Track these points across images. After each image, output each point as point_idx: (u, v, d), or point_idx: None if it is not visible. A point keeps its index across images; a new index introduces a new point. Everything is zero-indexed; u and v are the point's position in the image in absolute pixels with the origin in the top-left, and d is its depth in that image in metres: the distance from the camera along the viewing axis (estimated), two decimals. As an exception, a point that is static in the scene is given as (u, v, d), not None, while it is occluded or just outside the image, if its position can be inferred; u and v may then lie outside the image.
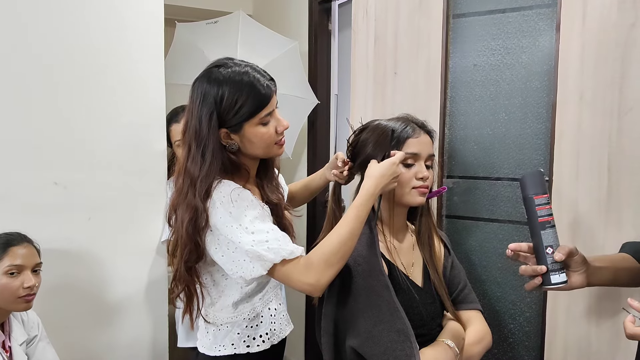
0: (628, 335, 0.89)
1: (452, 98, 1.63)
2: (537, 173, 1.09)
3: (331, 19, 2.80)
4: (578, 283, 1.09)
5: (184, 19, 2.78)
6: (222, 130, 1.24)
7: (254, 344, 1.31)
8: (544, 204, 1.07)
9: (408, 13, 1.68)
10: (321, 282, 1.14)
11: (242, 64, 1.26)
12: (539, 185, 1.08)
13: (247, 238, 1.16)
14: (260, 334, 1.31)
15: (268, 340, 1.32)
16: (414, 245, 1.34)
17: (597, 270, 1.11)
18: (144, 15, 1.91)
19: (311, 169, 2.84)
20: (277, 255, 1.15)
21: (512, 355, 1.57)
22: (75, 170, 1.80)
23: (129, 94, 1.90)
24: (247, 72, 1.24)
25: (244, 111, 1.22)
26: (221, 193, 1.20)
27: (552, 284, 1.06)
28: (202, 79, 1.25)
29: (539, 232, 1.06)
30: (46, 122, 1.76)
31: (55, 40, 1.76)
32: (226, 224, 1.18)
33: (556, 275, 1.05)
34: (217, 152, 1.23)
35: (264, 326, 1.32)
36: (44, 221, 1.75)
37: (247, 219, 1.18)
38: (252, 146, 1.27)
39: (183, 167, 1.24)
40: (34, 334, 1.58)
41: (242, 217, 1.18)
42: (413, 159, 1.25)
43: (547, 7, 1.46)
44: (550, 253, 1.05)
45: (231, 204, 1.18)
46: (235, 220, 1.18)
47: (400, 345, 1.11)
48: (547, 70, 1.46)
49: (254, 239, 1.16)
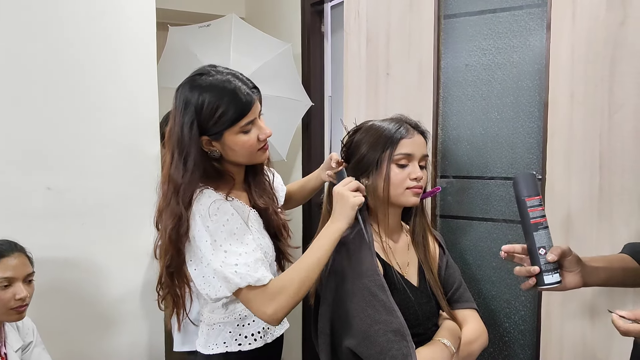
0: (622, 332, 0.89)
1: (445, 98, 1.64)
2: (529, 175, 1.10)
3: (324, 21, 2.80)
4: (573, 283, 1.09)
5: (176, 23, 2.78)
6: (204, 137, 1.24)
7: (246, 342, 1.32)
8: (536, 205, 1.08)
9: (399, 14, 1.69)
10: (278, 315, 1.16)
11: (224, 72, 1.26)
12: (531, 188, 1.09)
13: (218, 257, 1.17)
14: (252, 332, 1.33)
15: (260, 338, 1.33)
16: (408, 245, 1.35)
17: (593, 270, 1.11)
18: (136, 20, 1.91)
19: (306, 171, 2.84)
20: (244, 280, 1.16)
21: (507, 354, 1.57)
22: (68, 175, 1.80)
23: (122, 98, 1.89)
24: (229, 80, 1.24)
25: (224, 119, 1.22)
26: (201, 205, 1.21)
27: (546, 284, 1.06)
28: (184, 86, 1.26)
29: (531, 233, 1.08)
30: (38, 128, 1.75)
31: (47, 45, 1.76)
32: (202, 239, 1.19)
33: (549, 275, 1.06)
34: (199, 159, 1.23)
35: (256, 325, 1.33)
36: (37, 227, 1.74)
37: (223, 236, 1.19)
38: (233, 154, 1.28)
39: (167, 173, 1.25)
40: (29, 340, 1.57)
41: (217, 233, 1.19)
42: (407, 160, 1.25)
43: (537, 6, 1.47)
44: (543, 254, 1.06)
45: (209, 218, 1.19)
46: (210, 236, 1.19)
47: (396, 345, 1.11)
48: (538, 69, 1.47)
49: (224, 260, 1.17)
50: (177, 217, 1.21)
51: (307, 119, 2.80)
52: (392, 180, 1.24)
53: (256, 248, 1.22)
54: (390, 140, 1.25)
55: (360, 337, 1.15)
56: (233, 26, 2.54)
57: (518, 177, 1.10)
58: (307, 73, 2.81)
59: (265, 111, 1.47)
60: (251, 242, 1.22)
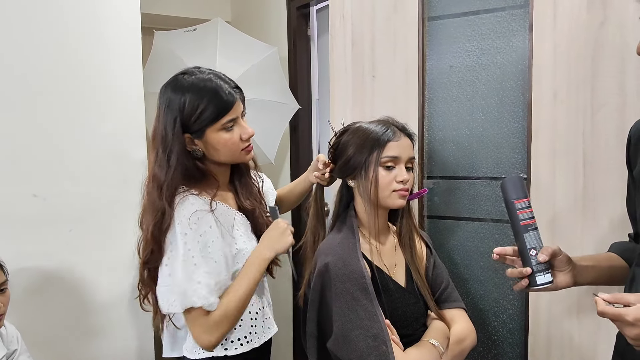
0: (599, 312, 0.91)
1: (430, 100, 1.65)
2: (517, 178, 1.11)
3: (310, 24, 2.81)
4: (565, 282, 1.11)
5: (162, 28, 2.78)
6: (187, 135, 1.27)
7: (232, 347, 1.31)
8: (525, 207, 1.09)
9: (384, 17, 1.70)
10: (213, 344, 1.23)
11: (206, 72, 1.30)
12: (519, 190, 1.10)
13: (187, 269, 1.19)
14: (238, 337, 1.32)
15: (247, 343, 1.32)
16: (396, 246, 1.35)
17: (583, 269, 1.13)
18: (121, 25, 1.90)
19: (294, 174, 2.84)
20: (200, 300, 1.19)
21: (496, 353, 1.59)
22: (54, 181, 1.78)
23: (108, 103, 1.88)
24: (211, 79, 1.27)
25: (205, 117, 1.25)
26: (182, 212, 1.22)
27: (538, 285, 1.07)
28: (167, 86, 1.29)
29: (522, 235, 1.08)
30: (24, 134, 1.74)
31: (32, 50, 1.75)
32: (176, 246, 1.21)
33: (541, 276, 1.07)
34: (182, 157, 1.25)
35: (242, 330, 1.33)
36: (24, 233, 1.72)
37: (197, 247, 1.21)
38: (216, 153, 1.30)
39: (151, 172, 1.27)
40: (14, 347, 1.55)
41: (193, 243, 1.21)
42: (393, 162, 1.25)
43: (519, 8, 1.49)
44: (534, 255, 1.07)
45: (188, 227, 1.21)
46: (184, 245, 1.20)
47: (375, 351, 1.12)
48: (521, 70, 1.49)
49: (190, 275, 1.19)
50: (159, 213, 1.22)
51: (295, 122, 2.80)
52: (379, 182, 1.24)
53: (222, 270, 1.24)
54: (377, 142, 1.25)
55: (340, 341, 1.16)
56: (219, 30, 2.54)
57: (506, 180, 1.12)
58: (293, 76, 2.81)
59: (253, 115, 1.47)
60: (220, 260, 1.24)
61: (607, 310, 0.90)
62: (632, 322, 0.88)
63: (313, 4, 2.72)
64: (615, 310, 0.89)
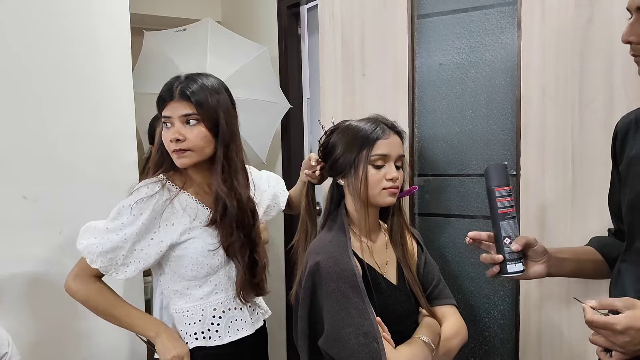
0: (587, 321, 0.90)
1: (420, 97, 1.65)
2: (500, 165, 1.12)
3: (300, 23, 2.81)
4: (537, 273, 1.13)
5: (152, 28, 2.77)
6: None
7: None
8: (505, 196, 1.10)
9: (373, 15, 1.70)
10: (70, 288, 1.37)
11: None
12: (501, 177, 1.11)
13: (104, 225, 1.36)
14: (195, 331, 1.40)
15: (204, 339, 1.39)
16: (387, 244, 1.36)
17: (559, 261, 1.14)
18: (110, 25, 1.89)
19: (286, 173, 2.84)
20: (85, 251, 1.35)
21: (488, 349, 1.59)
22: (44, 183, 1.77)
23: (98, 104, 1.87)
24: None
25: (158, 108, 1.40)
26: (138, 187, 1.37)
27: (509, 273, 1.10)
28: None
29: (498, 222, 1.11)
30: (12, 135, 1.73)
31: (20, 52, 1.74)
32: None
33: (512, 264, 1.10)
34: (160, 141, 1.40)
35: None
36: (13, 236, 1.71)
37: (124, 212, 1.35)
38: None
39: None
40: (4, 351, 1.55)
41: (121, 207, 1.36)
42: (383, 161, 1.25)
43: (508, 5, 1.49)
44: (508, 243, 1.10)
45: (129, 196, 1.37)
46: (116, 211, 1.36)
47: (366, 349, 1.12)
48: (510, 67, 1.49)
49: (96, 231, 1.36)
50: None
51: (286, 121, 2.80)
52: (369, 181, 1.25)
53: (122, 245, 1.33)
54: (367, 141, 1.25)
55: (332, 339, 1.16)
56: (209, 30, 2.54)
57: (489, 166, 1.13)
58: (284, 75, 2.82)
59: (244, 114, 1.48)
60: (128, 237, 1.33)
61: (595, 319, 0.89)
62: (621, 330, 0.86)
63: (303, 3, 2.72)
64: (604, 320, 0.88)
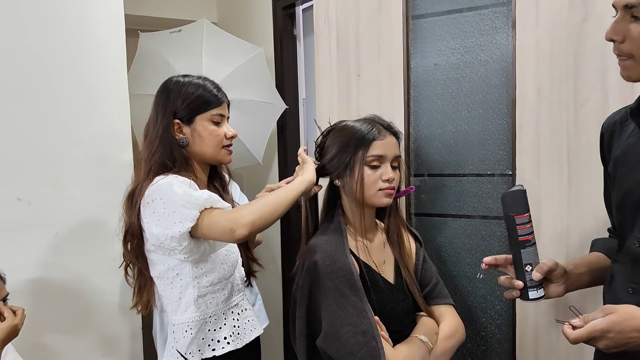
0: (572, 341, 0.91)
1: (415, 98, 1.66)
2: (519, 192, 1.07)
3: (296, 24, 2.81)
4: (556, 293, 1.11)
5: (147, 29, 2.76)
6: (175, 121, 1.34)
7: (219, 347, 1.34)
8: (525, 223, 1.05)
9: (368, 16, 1.70)
10: (245, 220, 1.18)
11: (197, 76, 1.42)
12: (520, 204, 1.06)
13: (180, 189, 1.26)
14: (224, 335, 1.36)
15: (233, 342, 1.35)
16: (384, 243, 1.36)
17: (577, 277, 1.13)
18: (105, 26, 1.89)
19: (282, 174, 2.83)
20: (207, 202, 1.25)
21: (485, 349, 1.59)
22: (39, 185, 1.77)
23: (93, 106, 1.87)
24: (203, 80, 1.41)
25: (197, 103, 1.34)
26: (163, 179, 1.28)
27: (531, 299, 1.07)
28: (164, 82, 1.41)
29: (519, 250, 1.06)
30: (7, 137, 1.72)
31: (15, 52, 1.73)
32: (159, 193, 1.27)
33: (534, 291, 1.06)
34: (167, 138, 1.33)
35: (227, 328, 1.37)
36: (9, 238, 1.71)
37: (179, 181, 1.28)
38: (201, 142, 1.36)
39: (140, 156, 1.38)
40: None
41: (174, 181, 1.27)
42: (378, 161, 1.26)
43: (502, 5, 1.50)
44: (529, 271, 1.06)
45: (166, 178, 1.29)
46: (168, 182, 1.27)
47: (364, 347, 1.12)
48: (505, 67, 1.50)
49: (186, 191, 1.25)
50: (137, 185, 1.31)
51: (282, 122, 2.80)
52: (365, 181, 1.25)
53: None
54: (362, 141, 1.26)
55: (330, 338, 1.16)
56: (205, 31, 2.53)
57: (506, 194, 1.08)
58: (280, 76, 2.81)
59: (240, 115, 1.50)
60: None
61: (579, 336, 0.91)
62: (601, 334, 0.90)
63: (298, 4, 2.72)
64: (586, 332, 0.90)
